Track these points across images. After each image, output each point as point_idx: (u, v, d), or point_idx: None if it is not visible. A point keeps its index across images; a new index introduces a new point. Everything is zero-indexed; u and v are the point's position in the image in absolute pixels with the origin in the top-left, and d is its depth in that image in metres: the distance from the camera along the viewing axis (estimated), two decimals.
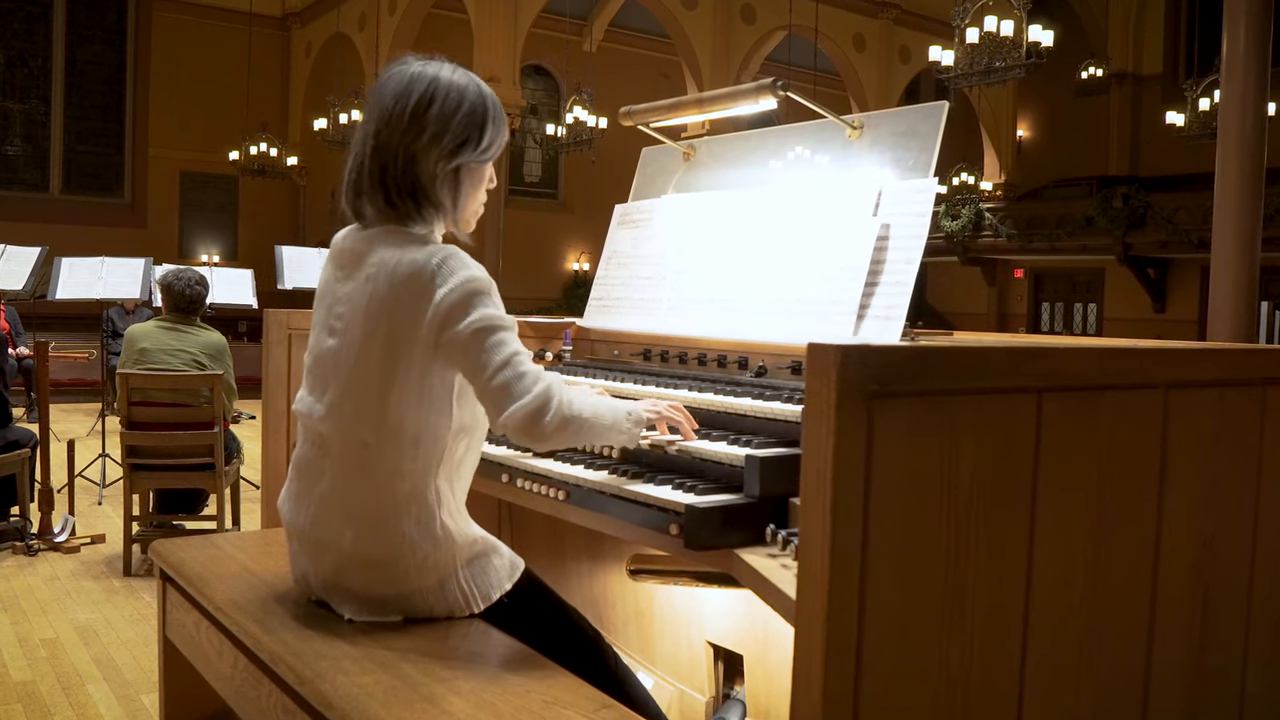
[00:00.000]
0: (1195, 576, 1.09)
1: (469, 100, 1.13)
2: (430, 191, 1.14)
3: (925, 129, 1.33)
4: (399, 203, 1.13)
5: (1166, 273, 11.23)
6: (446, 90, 1.12)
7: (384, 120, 1.12)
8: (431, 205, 1.14)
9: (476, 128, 1.14)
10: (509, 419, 1.06)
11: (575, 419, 1.08)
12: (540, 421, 1.06)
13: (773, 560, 1.01)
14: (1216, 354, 1.13)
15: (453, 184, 1.15)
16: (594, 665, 1.15)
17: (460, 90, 1.13)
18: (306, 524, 1.16)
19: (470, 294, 1.07)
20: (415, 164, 1.12)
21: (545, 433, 1.07)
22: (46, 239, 4.65)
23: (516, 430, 1.07)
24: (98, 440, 4.70)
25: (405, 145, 1.11)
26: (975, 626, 0.88)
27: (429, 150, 1.12)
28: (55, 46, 10.58)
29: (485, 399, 1.09)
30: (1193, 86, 8.61)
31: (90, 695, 2.08)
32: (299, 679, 1.04)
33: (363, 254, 1.14)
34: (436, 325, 1.07)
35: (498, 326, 1.08)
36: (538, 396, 1.06)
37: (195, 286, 3.13)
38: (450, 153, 1.13)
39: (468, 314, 1.07)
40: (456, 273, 1.08)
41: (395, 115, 1.12)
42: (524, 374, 1.06)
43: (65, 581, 2.92)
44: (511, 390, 1.05)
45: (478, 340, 1.07)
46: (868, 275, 1.30)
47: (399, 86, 1.13)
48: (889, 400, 0.81)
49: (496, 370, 1.06)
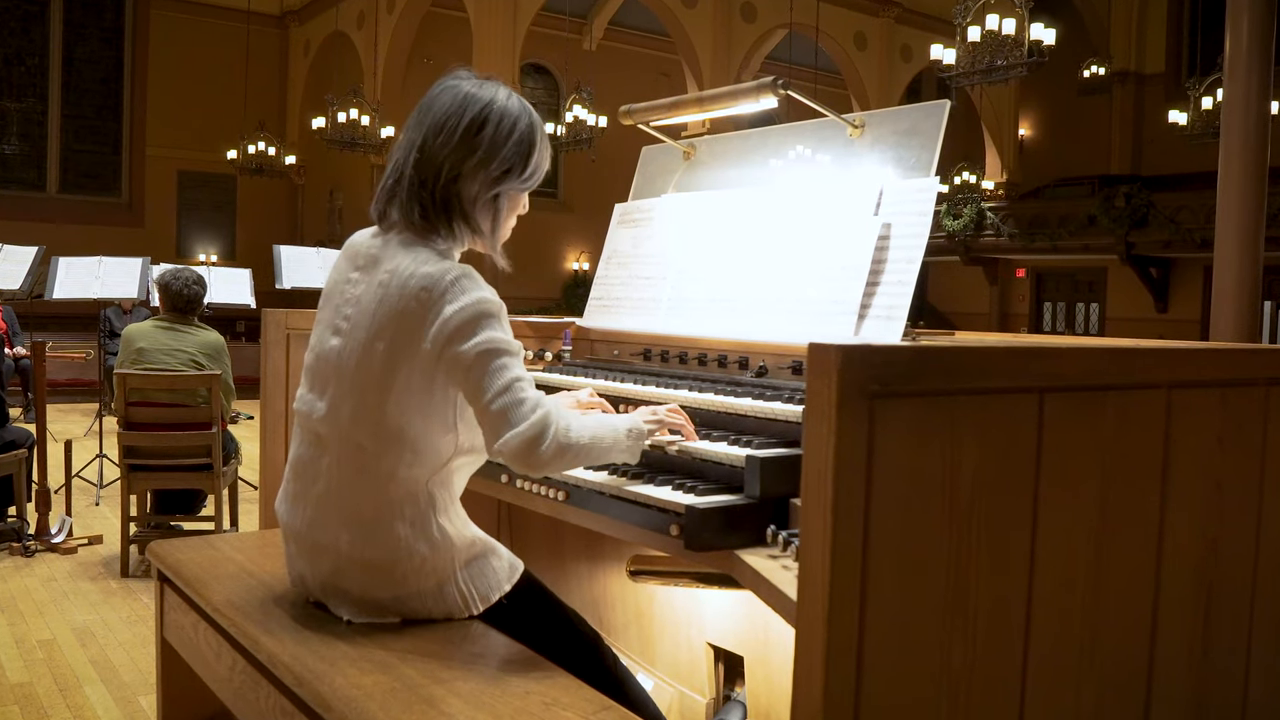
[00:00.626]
0: (1198, 578, 1.08)
1: (520, 129, 1.14)
2: (469, 214, 1.15)
3: (927, 128, 1.33)
4: (433, 217, 1.13)
5: (1169, 272, 11.20)
6: (501, 115, 1.13)
7: (434, 133, 1.13)
8: (467, 226, 1.15)
9: (523, 157, 1.15)
10: (504, 445, 1.06)
11: (572, 446, 1.08)
12: (536, 450, 1.06)
13: (773, 561, 1.01)
14: (1219, 354, 1.13)
15: (492, 209, 1.16)
16: (594, 667, 1.14)
17: (514, 117, 1.14)
18: (303, 526, 1.16)
19: (479, 315, 1.08)
20: (458, 183, 1.13)
21: (541, 460, 1.07)
22: (43, 238, 4.64)
23: (512, 457, 1.07)
24: (95, 440, 4.69)
25: (451, 164, 1.12)
26: (977, 628, 0.88)
27: (475, 173, 1.13)
28: (52, 45, 10.56)
29: (483, 423, 1.09)
30: (1195, 85, 8.58)
31: (88, 697, 2.07)
32: (297, 680, 1.03)
33: (379, 258, 1.14)
34: (442, 340, 1.08)
35: (502, 351, 1.08)
36: (534, 425, 1.06)
37: (193, 286, 3.12)
38: (496, 179, 1.14)
39: (474, 335, 1.07)
40: (469, 292, 1.08)
41: (446, 131, 1.12)
42: (523, 400, 1.06)
43: (62, 583, 2.91)
44: (509, 417, 1.06)
45: (481, 363, 1.07)
46: (869, 275, 1.29)
47: (452, 102, 1.13)
48: (890, 400, 0.80)
49: (496, 395, 1.06)
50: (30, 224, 9.10)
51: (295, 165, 10.64)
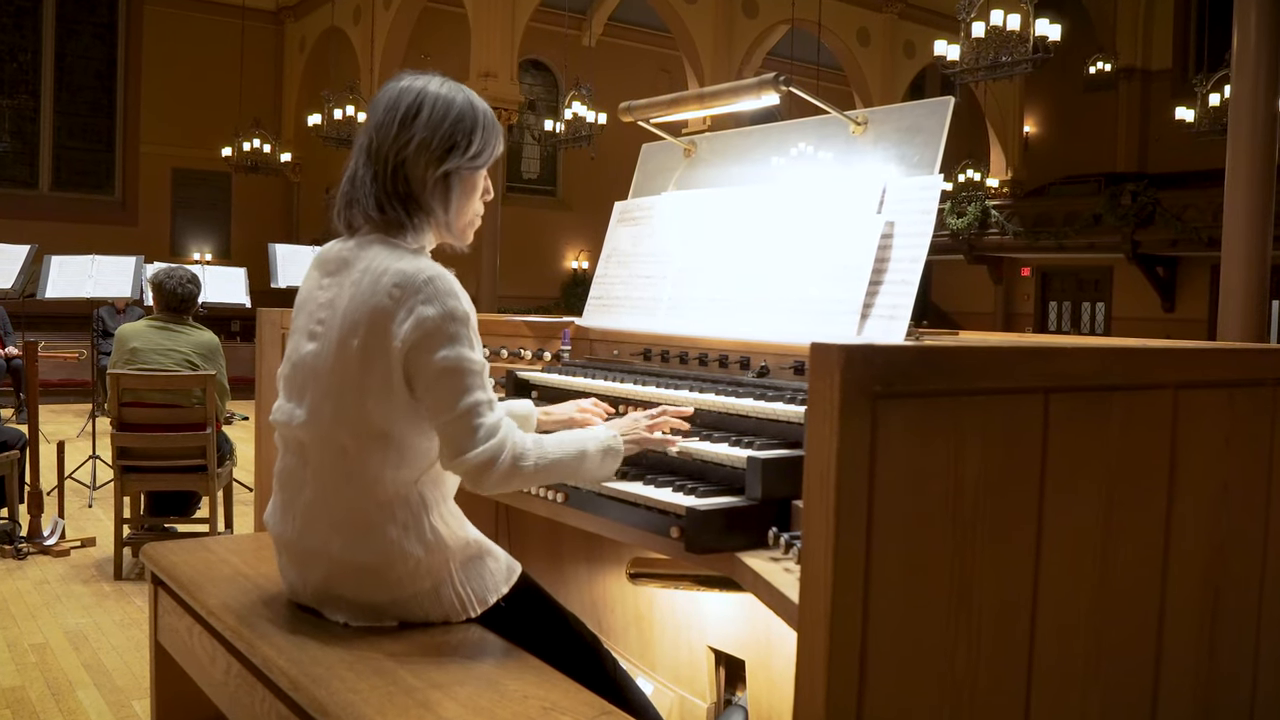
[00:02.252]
0: (1205, 581, 1.08)
1: (456, 108, 1.16)
2: (420, 197, 1.16)
3: (930, 125, 1.32)
4: (390, 209, 1.14)
5: (1176, 271, 11.07)
6: (434, 100, 1.16)
7: (376, 131, 1.16)
8: (422, 212, 1.16)
9: (464, 134, 1.16)
10: (459, 465, 1.09)
11: (523, 471, 1.10)
12: (487, 474, 1.08)
13: (775, 564, 1.00)
14: (1227, 354, 1.12)
15: (443, 190, 1.17)
16: (593, 670, 1.14)
17: (447, 99, 1.16)
18: (294, 535, 1.16)
19: (449, 324, 1.08)
20: (405, 168, 1.14)
21: (490, 484, 1.09)
22: (35, 237, 4.61)
23: (466, 478, 1.11)
24: (88, 441, 4.65)
25: (395, 151, 1.14)
26: (981, 631, 0.87)
27: (418, 156, 1.14)
28: (45, 41, 10.50)
29: (441, 438, 1.11)
30: (1203, 81, 8.43)
31: (80, 701, 2.06)
32: (293, 685, 1.02)
33: (350, 260, 1.15)
34: (409, 344, 1.08)
35: (466, 369, 1.08)
36: (488, 450, 1.08)
37: (187, 285, 3.10)
38: (438, 158, 1.15)
39: (441, 347, 1.07)
40: (441, 298, 1.09)
41: (385, 125, 1.15)
42: (479, 425, 1.08)
43: (55, 586, 2.89)
44: (464, 442, 1.08)
45: (443, 382, 1.08)
46: (872, 274, 1.29)
47: (390, 99, 1.17)
48: (893, 401, 0.80)
49: (456, 417, 1.08)
50: (22, 222, 9.04)
51: (291, 163, 10.59)
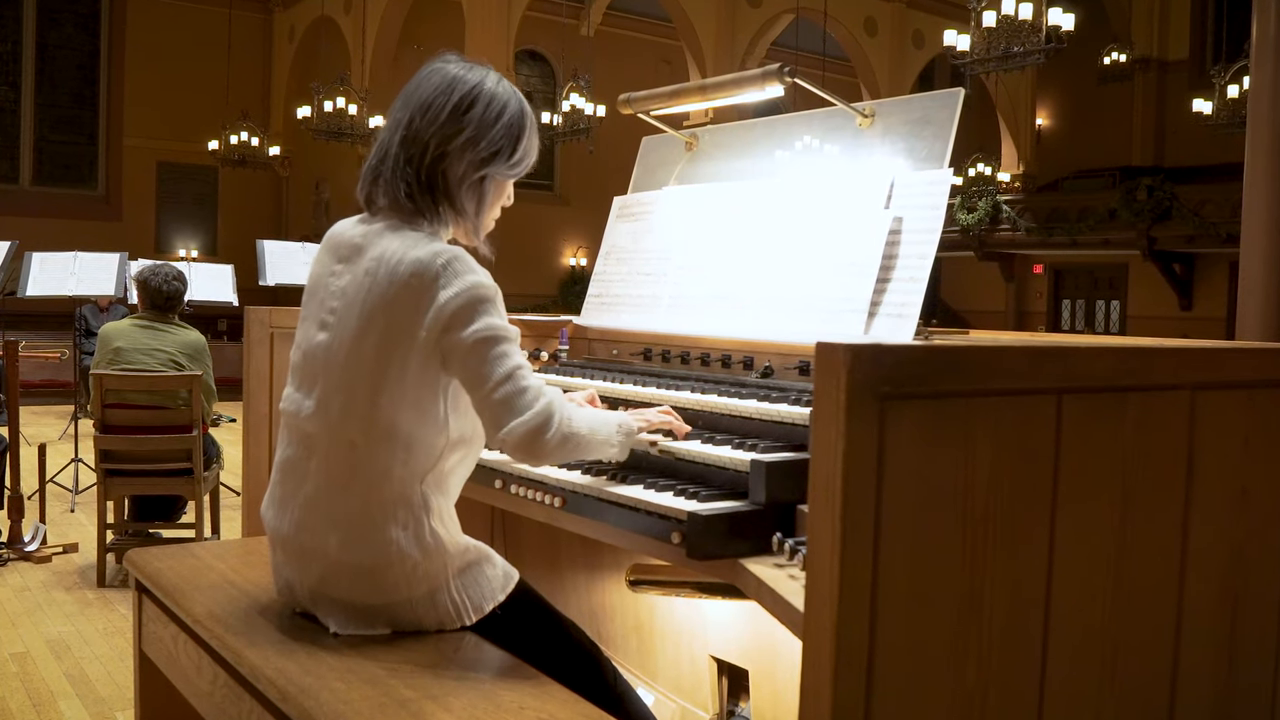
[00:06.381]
0: (1223, 587, 1.06)
1: (511, 112, 1.14)
2: (454, 195, 1.14)
3: (940, 117, 1.31)
4: (418, 198, 1.13)
5: (1193, 268, 10.78)
6: (491, 97, 1.13)
7: (420, 112, 1.12)
8: (451, 208, 1.14)
9: (512, 140, 1.14)
10: (509, 435, 1.06)
11: (573, 436, 1.09)
12: (541, 438, 1.06)
13: (779, 570, 0.99)
14: (1246, 354, 1.11)
15: (477, 192, 1.16)
16: (592, 680, 1.13)
17: (504, 100, 1.14)
18: (291, 530, 1.13)
19: (475, 300, 1.06)
20: (444, 161, 1.12)
21: (545, 450, 1.07)
22: (16, 233, 4.53)
23: (515, 447, 1.07)
24: (70, 444, 4.60)
25: (439, 141, 1.11)
26: (992, 639, 0.86)
27: (462, 152, 1.12)
28: (25, 30, 10.34)
29: (484, 413, 1.08)
30: (1221, 73, 8.25)
31: (62, 712, 2.03)
32: (282, 695, 1.00)
33: (363, 247, 1.13)
34: (439, 328, 1.07)
35: (501, 338, 1.07)
36: (539, 414, 1.06)
37: (173, 283, 3.05)
38: (483, 160, 1.13)
39: (472, 321, 1.06)
40: (462, 276, 1.07)
41: (434, 109, 1.12)
42: (526, 389, 1.06)
43: (36, 593, 2.85)
44: (513, 405, 1.05)
45: (479, 351, 1.06)
46: (879, 271, 1.27)
47: (440, 83, 1.13)
48: (902, 402, 0.78)
49: (498, 384, 1.05)
50: (2, 217, 8.91)
51: (280, 156, 10.47)
